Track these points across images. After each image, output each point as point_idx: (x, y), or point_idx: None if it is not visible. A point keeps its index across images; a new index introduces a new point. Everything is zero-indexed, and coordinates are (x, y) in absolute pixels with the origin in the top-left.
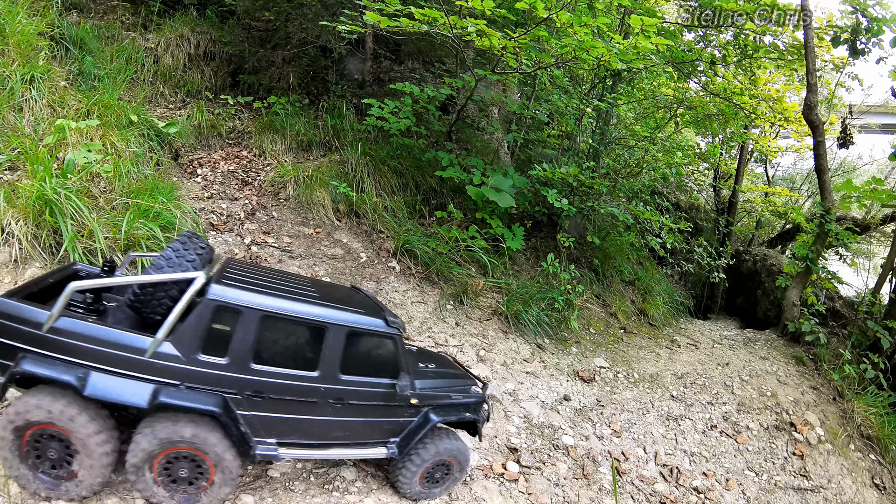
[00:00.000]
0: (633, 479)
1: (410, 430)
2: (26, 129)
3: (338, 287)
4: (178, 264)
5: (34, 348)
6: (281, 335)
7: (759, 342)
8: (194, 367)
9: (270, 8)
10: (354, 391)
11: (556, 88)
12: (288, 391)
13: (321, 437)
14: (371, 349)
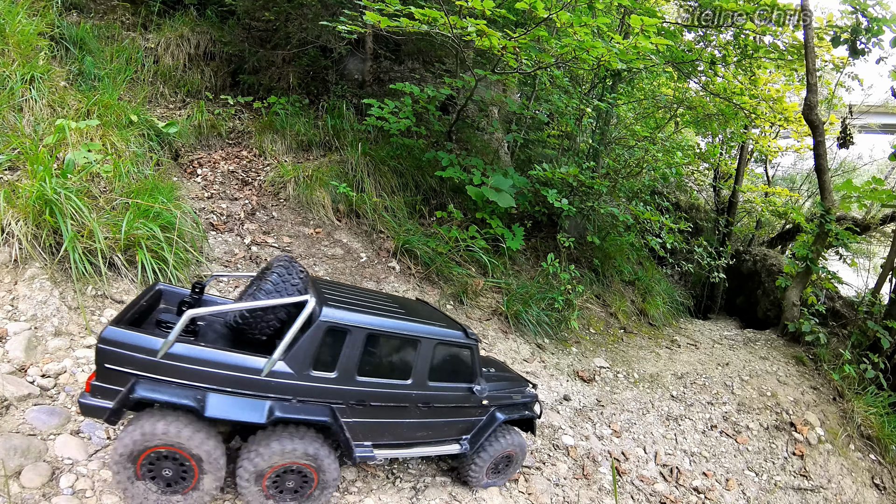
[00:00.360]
0: (633, 479)
1: (480, 428)
2: (26, 129)
3: (410, 301)
4: (284, 289)
5: (149, 374)
6: (381, 349)
7: (759, 342)
8: (306, 383)
9: (270, 8)
10: (438, 395)
11: (556, 88)
12: (385, 399)
13: (408, 437)
14: (453, 358)
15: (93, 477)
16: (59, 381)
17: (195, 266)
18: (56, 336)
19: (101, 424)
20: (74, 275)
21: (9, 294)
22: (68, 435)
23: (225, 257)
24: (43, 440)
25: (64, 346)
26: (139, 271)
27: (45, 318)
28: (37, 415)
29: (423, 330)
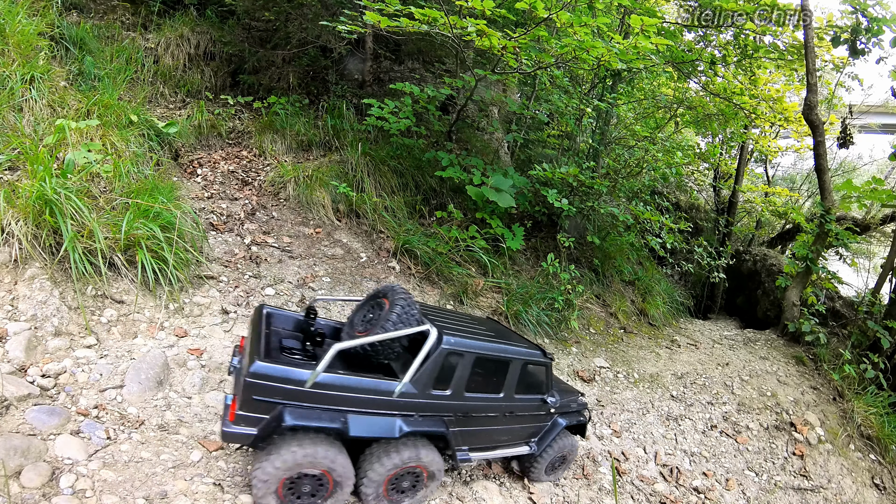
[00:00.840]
0: (633, 479)
1: (546, 432)
2: (26, 129)
3: (489, 321)
4: (407, 320)
5: (296, 402)
6: (483, 369)
7: (759, 342)
8: (426, 400)
9: (270, 8)
10: (520, 406)
11: (556, 88)
12: (483, 410)
13: (494, 441)
14: (532, 374)
15: (93, 477)
16: (59, 381)
17: (195, 266)
18: (56, 336)
19: (101, 424)
20: (74, 275)
21: (9, 294)
22: (68, 435)
23: (225, 257)
24: (43, 440)
25: (64, 346)
26: (139, 271)
27: (45, 318)
28: (37, 415)
29: (514, 351)
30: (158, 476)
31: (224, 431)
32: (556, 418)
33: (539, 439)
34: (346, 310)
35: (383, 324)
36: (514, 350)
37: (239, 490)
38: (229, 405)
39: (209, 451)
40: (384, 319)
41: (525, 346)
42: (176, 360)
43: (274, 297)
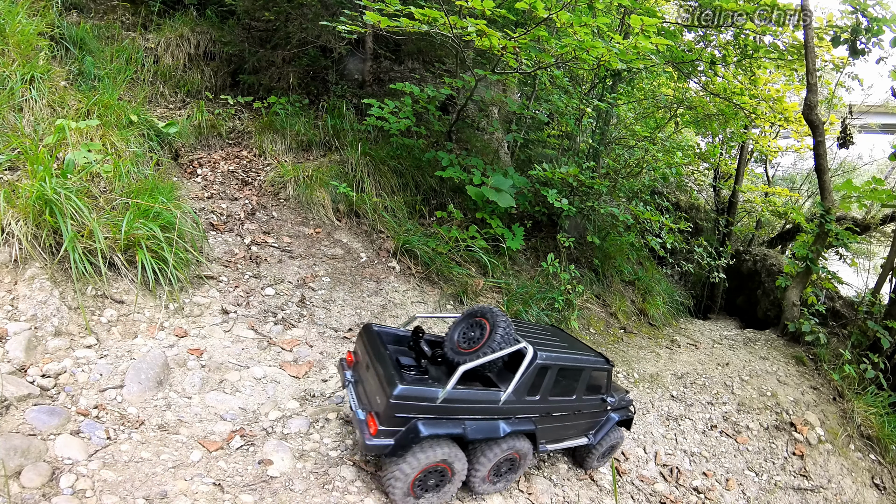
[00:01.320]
0: (633, 479)
1: (601, 426)
2: (26, 129)
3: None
4: (508, 340)
5: (428, 415)
6: (563, 377)
7: (759, 342)
8: (522, 405)
9: (270, 8)
10: (587, 405)
11: (556, 88)
12: (560, 410)
13: (563, 435)
14: (597, 378)
15: (93, 477)
16: (59, 381)
17: (195, 266)
18: (56, 336)
19: (101, 424)
20: (74, 275)
21: (9, 294)
22: (68, 435)
23: (225, 257)
24: (43, 440)
25: (64, 346)
26: (139, 271)
27: (45, 318)
28: (37, 415)
29: (586, 360)
30: (158, 476)
31: (367, 444)
32: (611, 414)
33: (595, 432)
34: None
35: (491, 345)
36: (586, 359)
37: (239, 490)
38: (365, 419)
39: (209, 451)
40: (492, 340)
41: (592, 355)
42: (176, 360)
43: (274, 296)
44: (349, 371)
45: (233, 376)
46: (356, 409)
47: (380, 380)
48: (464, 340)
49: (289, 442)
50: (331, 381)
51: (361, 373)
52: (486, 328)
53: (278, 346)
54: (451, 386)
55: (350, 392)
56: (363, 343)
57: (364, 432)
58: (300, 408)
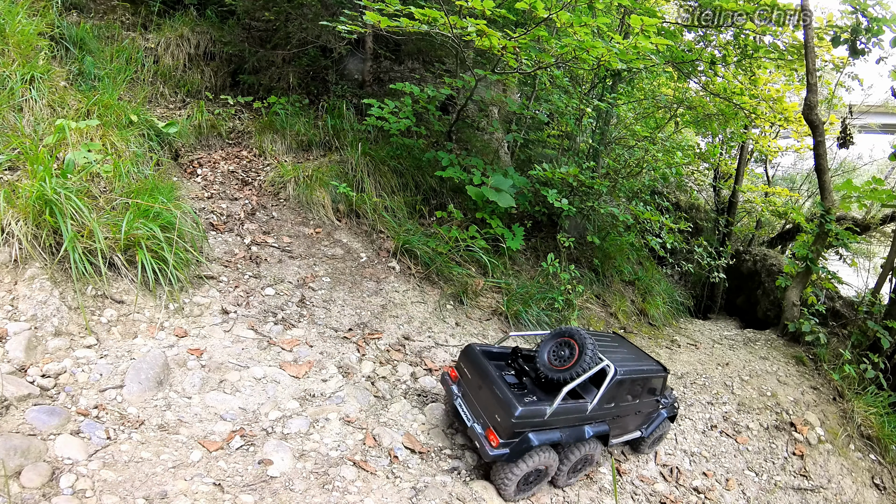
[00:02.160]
0: (633, 479)
1: (653, 421)
2: (26, 129)
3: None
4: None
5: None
6: (632, 384)
7: (759, 342)
8: (601, 412)
9: (270, 8)
10: (645, 405)
11: (556, 88)
12: (627, 412)
13: (625, 431)
14: (655, 382)
15: (93, 477)
16: (59, 381)
17: (195, 266)
18: (56, 336)
19: (101, 424)
20: (74, 275)
21: (9, 294)
22: (68, 435)
23: (225, 257)
24: (43, 440)
25: (64, 346)
26: (139, 271)
27: (45, 318)
28: (37, 415)
29: (649, 370)
30: (158, 476)
31: (490, 454)
32: (661, 411)
33: (647, 426)
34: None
35: (582, 364)
36: (649, 369)
37: (239, 490)
38: (484, 434)
39: (209, 451)
40: (582, 360)
41: (654, 364)
42: (176, 360)
43: (274, 296)
44: (455, 386)
45: (233, 376)
46: (472, 423)
47: (498, 401)
48: (555, 358)
49: (289, 442)
50: (331, 381)
51: (470, 390)
52: (574, 348)
53: (278, 346)
54: (556, 404)
55: (461, 406)
56: (469, 363)
57: (485, 444)
58: (300, 408)
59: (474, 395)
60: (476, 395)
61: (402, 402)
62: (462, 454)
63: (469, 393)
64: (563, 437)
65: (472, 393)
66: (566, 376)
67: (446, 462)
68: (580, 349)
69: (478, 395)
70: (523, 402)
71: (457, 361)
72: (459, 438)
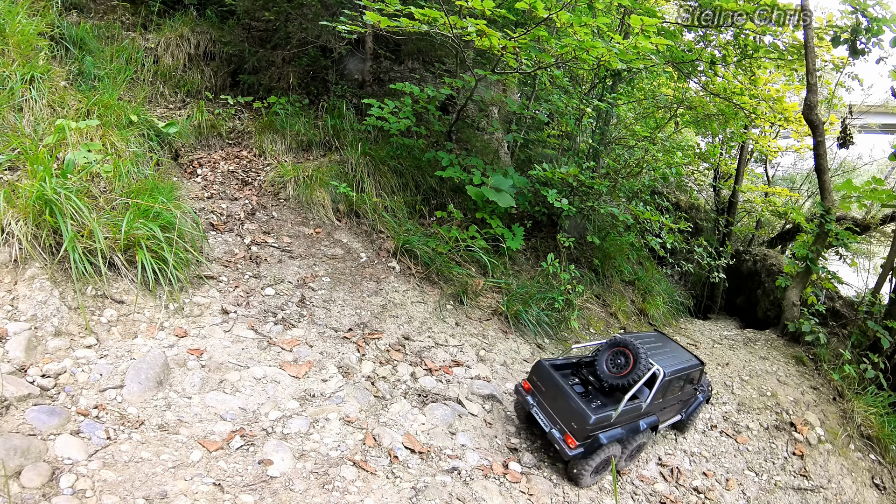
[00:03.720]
0: (633, 479)
1: (691, 405)
2: (26, 129)
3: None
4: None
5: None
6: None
7: (759, 342)
8: (652, 407)
9: (270, 8)
10: (686, 393)
11: (556, 88)
12: (672, 402)
13: (668, 418)
14: (694, 374)
15: (93, 477)
16: (59, 381)
17: (195, 266)
18: (56, 336)
19: (101, 424)
20: (74, 275)
21: (9, 294)
22: (68, 435)
23: (225, 257)
24: (43, 440)
25: (64, 346)
26: (139, 271)
27: (45, 318)
28: (37, 415)
29: (690, 366)
30: (158, 476)
31: (569, 454)
32: (699, 396)
33: (687, 410)
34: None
35: (637, 371)
36: (690, 364)
37: (239, 490)
38: (562, 437)
39: (209, 451)
40: (637, 368)
41: (693, 359)
42: (176, 360)
43: (274, 296)
44: (529, 396)
45: (233, 376)
46: (550, 429)
47: (572, 411)
48: (613, 366)
49: (289, 442)
50: (331, 381)
51: (545, 400)
52: (629, 356)
53: (278, 346)
54: (621, 408)
55: (537, 415)
56: (542, 377)
57: (564, 447)
58: (300, 408)
59: (549, 404)
60: (551, 405)
61: (402, 402)
62: (462, 454)
63: (544, 403)
64: (624, 433)
65: (546, 403)
66: (625, 382)
67: (446, 462)
68: (634, 357)
69: (553, 405)
70: (594, 409)
71: (529, 375)
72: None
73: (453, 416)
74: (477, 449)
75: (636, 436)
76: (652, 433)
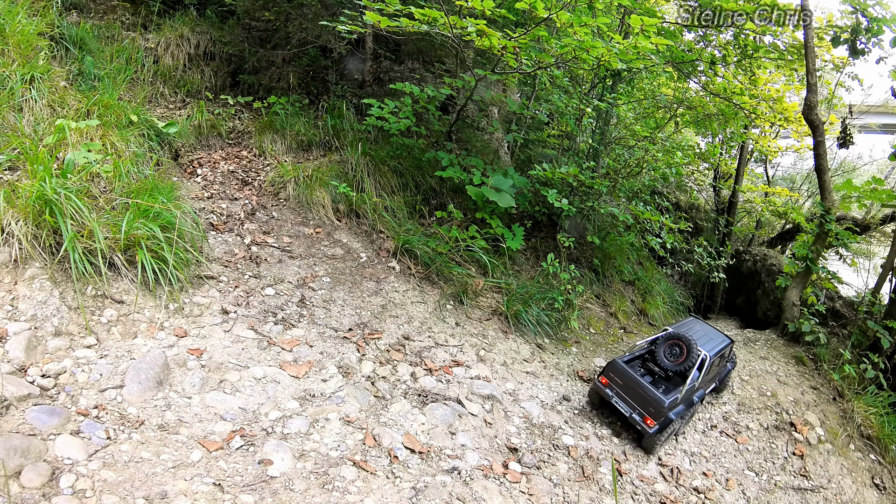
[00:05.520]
0: (633, 479)
1: (722, 374)
2: (26, 129)
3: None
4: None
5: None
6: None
7: (759, 342)
8: (700, 383)
9: (270, 8)
10: (721, 365)
11: (556, 88)
12: (713, 374)
13: (708, 387)
14: (726, 350)
15: (93, 477)
16: (59, 381)
17: (195, 266)
18: (56, 336)
19: (101, 424)
20: (74, 275)
21: (9, 294)
22: (68, 435)
23: (225, 257)
24: (43, 440)
25: (64, 346)
26: (139, 271)
27: (45, 318)
28: (37, 415)
29: (725, 345)
30: (158, 476)
31: (650, 433)
32: (728, 365)
33: (721, 377)
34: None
35: (691, 359)
36: (724, 343)
37: (239, 490)
38: (642, 420)
39: (209, 451)
40: (690, 357)
41: (725, 339)
42: (176, 360)
43: (274, 296)
44: (608, 389)
45: (233, 376)
46: (630, 413)
47: (649, 398)
48: (670, 356)
49: (289, 442)
50: (331, 381)
51: (623, 391)
52: (682, 347)
53: (278, 346)
54: (685, 390)
55: (617, 404)
56: (617, 373)
57: (644, 426)
58: (300, 408)
59: (627, 394)
60: (629, 394)
61: (402, 401)
62: (462, 454)
63: (622, 393)
64: (685, 408)
65: (624, 393)
66: (682, 369)
67: (446, 462)
68: (687, 348)
69: (630, 394)
70: (664, 394)
71: (605, 371)
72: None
73: (453, 416)
74: (477, 449)
75: (692, 408)
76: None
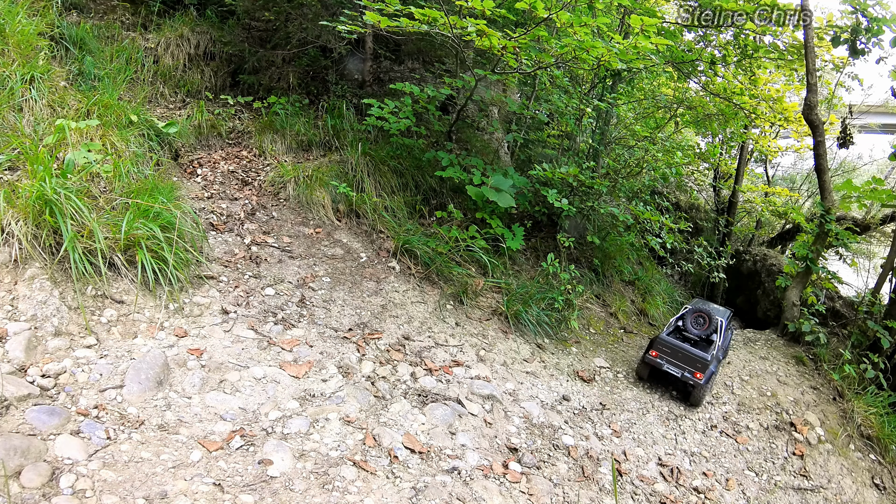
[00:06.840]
0: (633, 479)
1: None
2: (26, 129)
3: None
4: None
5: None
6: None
7: (759, 342)
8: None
9: (270, 8)
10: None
11: (556, 88)
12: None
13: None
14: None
15: (93, 477)
16: (59, 381)
17: (195, 266)
18: (56, 336)
19: (101, 424)
20: (74, 275)
21: (9, 294)
22: (68, 435)
23: (225, 257)
24: (43, 440)
25: (64, 346)
26: (139, 271)
27: (45, 318)
28: (37, 415)
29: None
30: (158, 476)
31: (701, 384)
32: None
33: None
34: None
35: (713, 325)
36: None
37: (239, 490)
38: (692, 375)
39: (209, 451)
40: (712, 325)
41: (728, 310)
42: (176, 360)
43: (274, 296)
44: (658, 359)
45: (233, 376)
46: (681, 373)
47: (695, 357)
48: (696, 325)
49: (289, 442)
50: (331, 381)
51: (671, 357)
52: (705, 318)
53: (278, 346)
54: (717, 346)
55: (669, 369)
56: (663, 345)
57: (695, 380)
58: (300, 408)
59: (675, 358)
60: (677, 358)
61: (402, 401)
62: (462, 454)
63: (671, 359)
64: (717, 363)
65: (673, 358)
66: (708, 334)
67: (446, 462)
68: (709, 317)
69: (678, 358)
70: (703, 351)
71: (653, 346)
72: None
73: (453, 416)
74: (477, 449)
75: (719, 363)
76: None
